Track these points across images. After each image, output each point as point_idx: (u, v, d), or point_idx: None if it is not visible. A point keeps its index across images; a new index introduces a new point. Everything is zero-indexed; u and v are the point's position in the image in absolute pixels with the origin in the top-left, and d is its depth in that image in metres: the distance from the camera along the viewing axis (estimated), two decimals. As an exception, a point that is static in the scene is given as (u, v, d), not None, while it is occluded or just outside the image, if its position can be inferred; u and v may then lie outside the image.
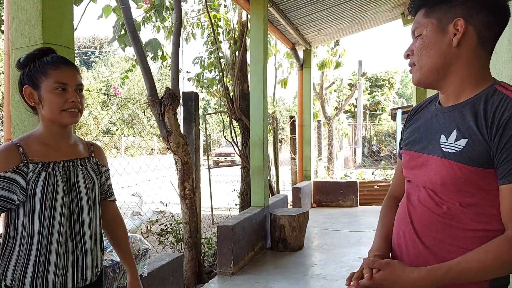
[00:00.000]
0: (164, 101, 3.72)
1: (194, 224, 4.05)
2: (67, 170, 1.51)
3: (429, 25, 1.16)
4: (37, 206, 1.42)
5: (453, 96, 1.17)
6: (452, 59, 1.14)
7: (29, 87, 1.46)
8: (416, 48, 1.19)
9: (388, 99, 26.60)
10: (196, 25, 7.15)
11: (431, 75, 1.18)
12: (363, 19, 7.90)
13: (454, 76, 1.15)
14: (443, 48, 1.14)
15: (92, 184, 1.57)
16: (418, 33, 1.19)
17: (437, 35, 1.14)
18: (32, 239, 1.43)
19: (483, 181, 1.08)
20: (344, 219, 7.31)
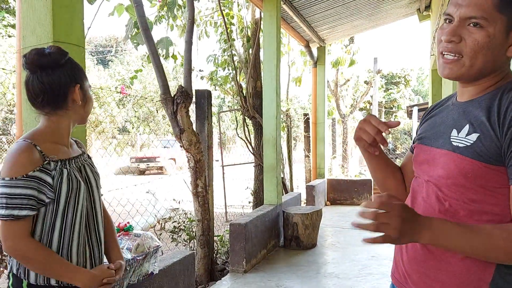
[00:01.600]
0: (177, 99, 3.74)
1: (206, 221, 4.06)
2: (78, 166, 1.54)
3: (499, 23, 1.01)
4: (61, 205, 1.44)
5: (473, 92, 1.13)
6: (499, 65, 1.08)
7: (79, 86, 1.49)
8: (476, 42, 1.03)
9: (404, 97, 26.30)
10: (209, 23, 7.15)
11: (474, 76, 1.08)
12: (378, 16, 7.80)
13: (490, 79, 1.10)
14: (501, 53, 1.05)
15: (99, 177, 1.62)
16: (481, 24, 1.02)
17: (503, 38, 1.02)
18: (52, 237, 1.44)
19: (490, 178, 1.04)
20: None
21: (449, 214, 1.10)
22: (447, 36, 1.07)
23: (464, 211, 1.08)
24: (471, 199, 1.07)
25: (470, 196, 1.07)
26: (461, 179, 1.07)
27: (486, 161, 1.03)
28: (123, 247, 2.31)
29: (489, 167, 1.03)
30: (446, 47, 1.08)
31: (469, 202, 1.07)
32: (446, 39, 1.07)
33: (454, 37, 1.06)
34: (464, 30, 1.05)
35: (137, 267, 2.32)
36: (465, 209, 1.08)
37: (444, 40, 1.08)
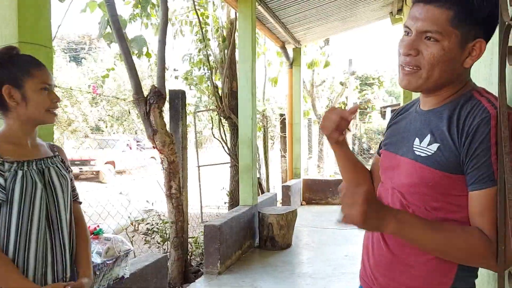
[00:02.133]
0: (150, 99, 3.69)
1: (180, 223, 4.03)
2: (41, 168, 1.51)
3: (453, 37, 1.04)
4: (15, 206, 1.41)
5: (434, 101, 1.16)
6: (457, 76, 1.11)
7: (9, 86, 1.44)
8: (432, 56, 1.05)
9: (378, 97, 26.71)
10: (184, 22, 7.10)
11: (432, 88, 1.11)
12: (352, 18, 7.90)
13: (449, 89, 1.13)
14: (457, 65, 1.07)
15: (66, 181, 1.57)
16: (436, 38, 1.04)
17: (457, 51, 1.05)
18: (8, 240, 1.41)
19: (450, 186, 1.08)
20: (333, 217, 7.33)
21: None
22: (404, 50, 1.09)
23: (426, 217, 1.10)
24: (433, 206, 1.10)
25: (432, 203, 1.10)
26: (423, 187, 1.10)
27: (446, 170, 1.06)
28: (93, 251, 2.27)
29: (449, 176, 1.06)
30: (404, 60, 1.11)
31: (431, 209, 1.10)
32: (403, 52, 1.09)
33: (411, 51, 1.08)
34: (421, 43, 1.07)
35: (107, 271, 2.28)
36: (427, 216, 1.10)
37: (402, 53, 1.10)
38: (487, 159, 1.00)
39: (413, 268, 1.13)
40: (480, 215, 1.03)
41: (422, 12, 1.06)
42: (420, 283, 1.13)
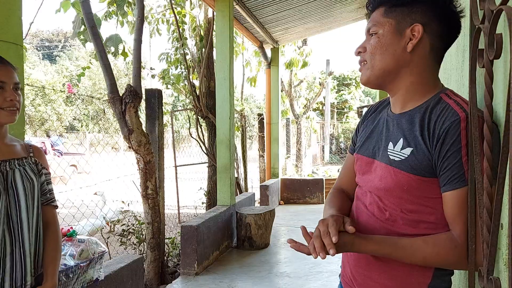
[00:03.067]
0: (125, 99, 3.63)
1: (157, 224, 3.98)
2: (3, 170, 1.46)
3: (387, 25, 1.14)
4: None
5: (401, 102, 1.18)
6: (404, 63, 1.14)
7: None
8: (371, 46, 1.16)
9: (355, 98, 27.07)
10: (161, 20, 7.02)
11: (381, 76, 1.16)
12: (329, 19, 7.97)
13: (403, 81, 1.16)
14: (398, 51, 1.13)
15: (31, 184, 1.52)
16: (374, 31, 1.16)
17: (394, 37, 1.13)
18: None
19: (424, 189, 1.10)
20: (310, 216, 7.39)
21: (389, 222, 1.16)
22: (355, 50, 1.22)
23: (403, 220, 1.14)
24: (409, 209, 1.13)
25: (407, 206, 1.13)
26: (398, 191, 1.13)
27: (420, 174, 1.09)
28: (66, 253, 2.22)
29: (423, 179, 1.09)
30: (358, 60, 1.22)
31: (407, 212, 1.13)
32: (355, 52, 1.22)
33: (359, 48, 1.20)
34: (366, 41, 1.20)
35: (80, 274, 2.23)
36: (403, 219, 1.13)
37: (354, 53, 1.22)
38: (458, 160, 1.02)
39: (391, 268, 1.15)
40: (453, 215, 1.06)
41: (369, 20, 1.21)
42: (399, 283, 1.15)
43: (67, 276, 2.13)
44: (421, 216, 1.12)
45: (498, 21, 0.87)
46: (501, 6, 0.81)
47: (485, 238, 0.93)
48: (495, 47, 0.86)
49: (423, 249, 1.07)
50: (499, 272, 0.96)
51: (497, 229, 0.89)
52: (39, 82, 19.57)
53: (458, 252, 1.04)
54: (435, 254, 1.06)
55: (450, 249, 1.05)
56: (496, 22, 0.87)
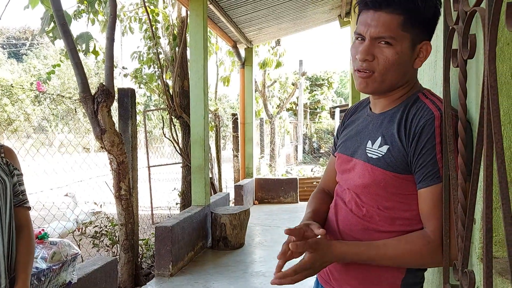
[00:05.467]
0: (98, 98, 3.56)
1: (130, 225, 3.92)
2: None
3: (405, 41, 1.08)
4: None
5: (384, 103, 1.20)
6: (409, 77, 1.15)
7: None
8: (386, 60, 1.09)
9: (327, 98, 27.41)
10: (133, 19, 6.91)
11: (387, 89, 1.15)
12: (302, 20, 8.04)
13: (399, 91, 1.17)
14: (408, 67, 1.12)
15: (3, 185, 1.47)
16: (391, 43, 1.08)
17: (409, 54, 1.10)
18: None
19: (400, 186, 1.13)
20: (285, 215, 7.43)
21: (366, 219, 1.18)
22: (361, 55, 1.11)
23: (379, 216, 1.16)
24: (385, 206, 1.15)
25: (384, 203, 1.15)
26: (376, 188, 1.15)
27: (396, 171, 1.11)
28: (37, 256, 2.16)
29: (399, 176, 1.12)
30: (361, 66, 1.13)
31: (383, 209, 1.15)
32: (360, 58, 1.12)
33: (368, 56, 1.10)
34: (376, 49, 1.10)
35: (53, 277, 2.17)
36: (380, 215, 1.16)
37: (359, 59, 1.12)
38: (433, 157, 1.05)
39: (368, 264, 1.17)
40: (428, 211, 1.09)
41: (374, 18, 1.09)
42: (373, 278, 1.18)
43: (39, 279, 2.08)
44: (397, 213, 1.14)
45: (471, 22, 0.90)
46: (474, 8, 0.84)
47: (460, 232, 0.95)
48: (468, 47, 0.89)
49: (396, 246, 1.09)
50: (472, 265, 0.99)
51: (471, 224, 0.92)
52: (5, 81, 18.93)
53: (431, 248, 1.06)
54: (408, 251, 1.08)
55: (423, 245, 1.07)
56: (469, 23, 0.89)
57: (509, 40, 0.93)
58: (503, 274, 0.85)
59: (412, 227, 1.13)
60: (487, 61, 0.71)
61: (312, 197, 1.44)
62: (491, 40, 0.71)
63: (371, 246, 1.12)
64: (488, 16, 0.72)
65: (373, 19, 1.09)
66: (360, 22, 1.14)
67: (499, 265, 0.90)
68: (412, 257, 1.09)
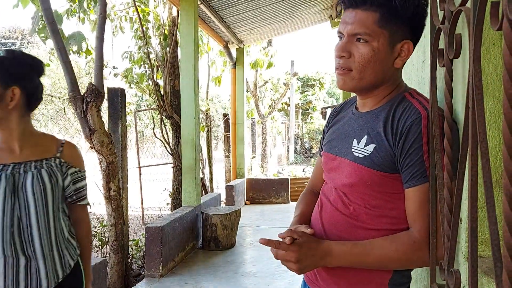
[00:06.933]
0: (87, 97, 3.53)
1: (120, 226, 3.89)
2: (15, 173, 1.47)
3: (381, 38, 1.08)
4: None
5: (371, 103, 1.20)
6: (389, 77, 1.15)
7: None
8: (362, 57, 1.09)
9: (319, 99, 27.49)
10: (124, 18, 6.87)
11: (366, 88, 1.15)
12: (294, 20, 8.05)
13: (383, 90, 1.17)
14: (388, 66, 1.12)
15: (41, 188, 1.48)
16: (365, 39, 1.09)
17: (387, 52, 1.10)
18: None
19: (387, 185, 1.13)
20: (276, 216, 7.43)
21: (353, 217, 1.18)
22: (337, 52, 1.13)
23: (366, 215, 1.16)
24: (372, 204, 1.15)
25: (370, 202, 1.15)
26: (362, 186, 1.15)
27: (382, 170, 1.12)
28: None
29: (385, 175, 1.12)
30: (338, 63, 1.14)
31: (370, 207, 1.16)
32: (336, 54, 1.14)
33: (343, 53, 1.12)
34: (352, 46, 1.11)
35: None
36: (367, 214, 1.16)
37: (335, 56, 1.14)
38: (420, 157, 1.06)
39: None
40: (414, 211, 1.09)
41: (351, 16, 1.11)
42: (361, 278, 1.18)
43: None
44: (384, 211, 1.14)
45: (457, 21, 0.90)
46: (460, 7, 0.84)
47: (446, 232, 0.96)
48: (454, 47, 0.89)
49: (382, 245, 1.10)
50: (458, 265, 1.00)
51: (457, 223, 0.92)
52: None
53: (416, 247, 1.07)
54: (394, 250, 1.08)
55: (409, 245, 1.08)
56: (455, 22, 0.90)
57: (494, 39, 0.93)
58: (488, 273, 0.86)
59: (399, 226, 1.13)
60: (472, 60, 0.71)
61: (300, 199, 1.45)
62: (476, 40, 0.71)
63: (357, 243, 1.13)
64: (473, 15, 0.72)
65: (350, 17, 1.12)
66: (340, 21, 1.17)
67: (485, 265, 0.91)
68: (398, 257, 1.09)
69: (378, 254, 1.10)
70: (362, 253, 1.11)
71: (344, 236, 1.18)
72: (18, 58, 1.52)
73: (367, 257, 1.11)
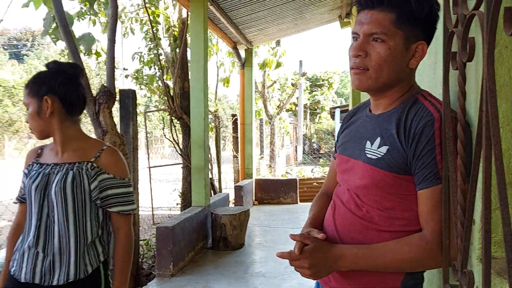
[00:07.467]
0: (99, 99, 3.57)
1: (131, 226, 3.92)
2: (51, 173, 1.60)
3: (398, 37, 1.10)
4: (27, 201, 1.62)
5: (384, 105, 1.21)
6: (403, 78, 1.16)
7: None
8: (379, 56, 1.11)
9: (328, 99, 27.43)
10: (134, 20, 6.93)
11: (381, 88, 1.16)
12: (303, 21, 8.06)
13: (396, 91, 1.18)
14: (403, 66, 1.14)
15: (62, 189, 1.56)
16: (382, 38, 1.10)
17: (402, 52, 1.12)
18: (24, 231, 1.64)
19: (400, 186, 1.13)
20: (285, 216, 7.44)
21: (366, 219, 1.19)
22: (353, 51, 1.14)
23: (379, 217, 1.17)
24: (385, 206, 1.16)
25: (383, 203, 1.16)
26: (375, 188, 1.16)
27: (395, 172, 1.12)
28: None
29: (398, 176, 1.12)
30: (354, 62, 1.16)
31: (383, 209, 1.16)
32: (353, 54, 1.15)
33: (360, 52, 1.13)
34: (368, 46, 1.13)
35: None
36: (380, 215, 1.17)
37: (351, 55, 1.16)
38: (433, 159, 1.06)
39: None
40: (427, 212, 1.09)
41: (367, 17, 1.13)
42: (374, 279, 1.18)
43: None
44: (397, 213, 1.15)
45: (470, 25, 0.91)
46: (473, 11, 0.85)
47: (459, 233, 0.97)
48: (467, 50, 0.90)
49: (394, 247, 1.11)
50: (471, 266, 1.00)
51: (470, 225, 0.93)
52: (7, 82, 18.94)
53: (429, 249, 1.08)
54: (406, 252, 1.09)
55: (421, 246, 1.08)
56: (469, 26, 0.91)
57: (507, 43, 0.94)
58: (501, 274, 0.87)
59: (412, 227, 1.13)
60: (485, 64, 0.73)
61: (313, 202, 1.47)
62: (490, 43, 0.72)
63: (369, 247, 1.14)
64: (487, 20, 0.73)
65: (366, 18, 1.13)
66: (356, 22, 1.18)
67: (498, 265, 0.91)
68: (411, 259, 1.10)
69: (391, 257, 1.10)
70: (375, 256, 1.12)
71: (357, 237, 1.18)
72: (51, 68, 1.66)
73: (380, 260, 1.12)
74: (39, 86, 1.60)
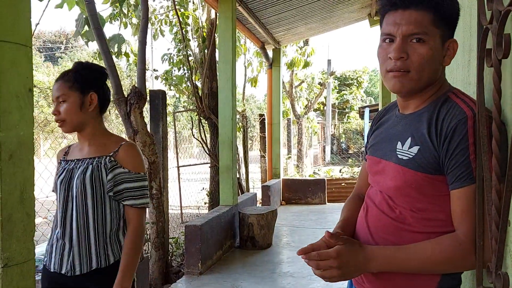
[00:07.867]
0: (130, 100, 3.66)
1: (161, 224, 4.00)
2: (75, 167, 1.70)
3: (437, 37, 1.09)
4: (56, 196, 1.72)
5: (414, 105, 1.19)
6: (438, 75, 1.15)
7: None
8: (421, 57, 1.09)
9: (356, 98, 27.08)
10: (164, 22, 7.05)
11: (423, 87, 1.14)
12: (331, 19, 7.99)
13: (429, 90, 1.16)
14: (439, 64, 1.13)
15: (81, 183, 1.65)
16: (424, 39, 1.08)
17: (440, 50, 1.11)
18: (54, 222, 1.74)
19: (432, 187, 1.11)
20: (312, 216, 7.40)
21: (399, 220, 1.17)
22: (395, 54, 1.10)
23: (412, 218, 1.15)
24: (418, 207, 1.14)
25: (416, 204, 1.14)
26: (407, 189, 1.14)
27: (427, 172, 1.10)
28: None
29: (430, 177, 1.10)
30: (395, 65, 1.11)
31: (416, 210, 1.14)
32: (395, 56, 1.11)
33: (402, 54, 1.10)
34: (408, 47, 1.10)
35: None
36: (412, 217, 1.15)
37: (394, 57, 1.11)
38: (466, 158, 1.04)
39: None
40: (460, 212, 1.07)
41: (404, 17, 1.10)
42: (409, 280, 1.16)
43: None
44: (431, 214, 1.13)
45: (506, 21, 0.89)
46: (509, 7, 0.83)
47: (494, 234, 0.94)
48: (503, 47, 0.88)
49: (426, 248, 1.08)
50: (506, 267, 0.98)
51: (506, 226, 0.91)
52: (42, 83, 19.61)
53: (462, 250, 1.05)
54: (438, 253, 1.07)
55: (454, 247, 1.06)
56: (504, 22, 0.89)
57: (545, 39, 0.91)
58: (539, 277, 0.84)
59: (446, 228, 1.11)
60: (522, 61, 0.71)
61: (345, 205, 1.45)
62: (527, 40, 0.71)
63: (401, 248, 1.12)
64: (524, 16, 0.71)
65: (403, 18, 1.10)
66: (387, 23, 1.14)
67: (535, 268, 0.89)
68: (443, 260, 1.07)
69: (423, 258, 1.08)
70: (406, 257, 1.10)
71: (391, 239, 1.17)
72: (88, 67, 1.78)
73: (411, 261, 1.09)
74: (83, 82, 1.70)
